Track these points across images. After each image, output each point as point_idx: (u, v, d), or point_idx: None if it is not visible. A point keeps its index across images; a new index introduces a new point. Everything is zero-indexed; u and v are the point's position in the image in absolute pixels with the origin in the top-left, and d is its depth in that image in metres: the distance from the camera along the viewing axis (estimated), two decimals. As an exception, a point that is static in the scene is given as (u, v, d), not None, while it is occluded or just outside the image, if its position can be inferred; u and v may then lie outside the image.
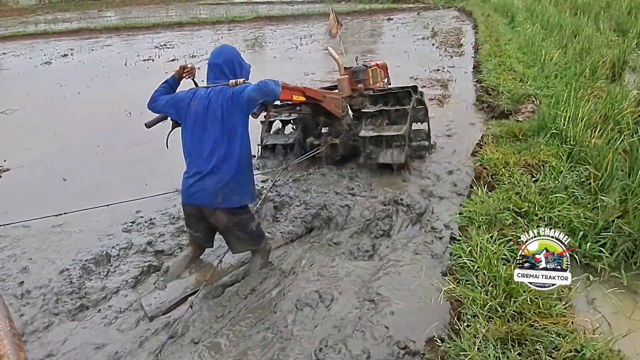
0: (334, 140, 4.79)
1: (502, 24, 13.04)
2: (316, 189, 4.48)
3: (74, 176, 5.70)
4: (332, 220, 4.06)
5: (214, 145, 2.91)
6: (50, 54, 17.01)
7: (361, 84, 5.06)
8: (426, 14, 21.73)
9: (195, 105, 2.98)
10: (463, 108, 7.15)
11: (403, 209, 4.12)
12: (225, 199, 2.96)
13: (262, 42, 16.34)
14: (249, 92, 2.82)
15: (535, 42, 9.07)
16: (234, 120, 2.90)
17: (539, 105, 5.87)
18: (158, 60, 13.84)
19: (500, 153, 4.26)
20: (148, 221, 4.38)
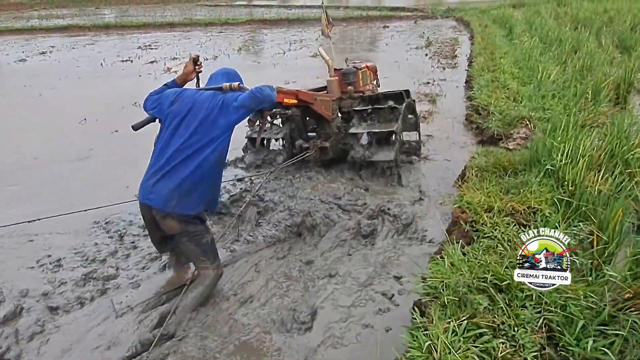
0: (323, 144, 4.68)
1: (500, 35, 12.35)
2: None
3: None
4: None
5: (182, 146, 2.76)
6: (30, 51, 16.28)
7: (351, 86, 4.95)
8: (423, 23, 21.08)
9: (178, 105, 2.85)
10: (449, 127, 6.43)
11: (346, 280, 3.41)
12: (180, 203, 2.76)
13: (250, 46, 15.62)
14: (242, 101, 2.73)
15: (533, 57, 8.37)
16: (215, 127, 2.77)
17: (533, 130, 5.15)
18: (137, 62, 13.10)
19: (483, 194, 3.52)
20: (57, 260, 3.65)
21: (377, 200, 4.30)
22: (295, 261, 3.57)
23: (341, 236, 3.87)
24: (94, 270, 3.50)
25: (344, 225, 3.99)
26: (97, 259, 3.64)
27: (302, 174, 4.86)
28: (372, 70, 5.56)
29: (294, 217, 3.98)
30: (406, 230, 3.89)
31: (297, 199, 4.30)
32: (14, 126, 7.50)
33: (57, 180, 5.25)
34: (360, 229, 3.90)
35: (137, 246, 3.84)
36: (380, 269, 3.40)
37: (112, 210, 4.28)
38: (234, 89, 2.89)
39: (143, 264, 3.60)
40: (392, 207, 4.18)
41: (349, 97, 4.97)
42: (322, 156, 4.75)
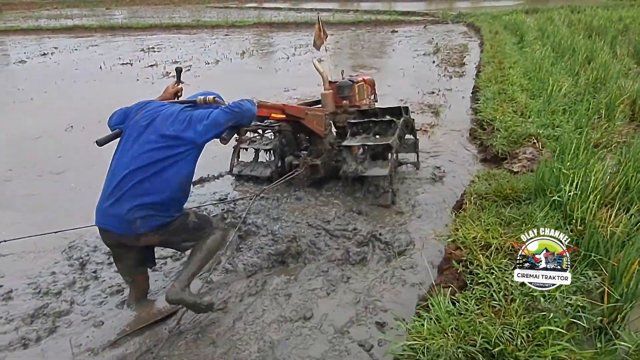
0: (314, 161, 4.38)
1: (510, 43, 11.89)
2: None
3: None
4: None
5: (140, 163, 2.48)
6: (31, 52, 16.12)
7: (346, 100, 4.68)
8: (433, 28, 20.63)
9: (140, 116, 2.62)
10: (452, 142, 6.02)
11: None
12: (145, 223, 2.52)
13: (254, 50, 15.30)
14: (214, 117, 2.50)
15: (544, 67, 7.92)
16: (180, 142, 2.51)
17: (540, 150, 4.73)
18: (137, 65, 12.85)
19: (480, 229, 3.12)
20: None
21: (368, 226, 3.92)
22: (269, 297, 3.20)
23: (324, 267, 3.51)
24: (46, 305, 3.15)
25: (329, 255, 3.62)
26: (51, 292, 3.29)
27: (290, 193, 4.51)
28: (370, 84, 5.27)
29: (277, 244, 3.63)
30: (397, 259, 3.53)
31: (282, 222, 3.93)
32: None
33: (28, 196, 4.92)
34: (348, 258, 3.56)
35: (99, 277, 3.49)
36: (363, 310, 3.01)
37: (79, 231, 3.96)
38: (209, 103, 2.68)
39: (101, 298, 3.25)
40: (385, 232, 3.82)
41: (343, 112, 4.69)
42: (313, 174, 4.45)
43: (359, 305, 3.06)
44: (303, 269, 3.51)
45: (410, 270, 3.38)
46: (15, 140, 6.76)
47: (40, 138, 6.84)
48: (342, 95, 4.70)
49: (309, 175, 4.45)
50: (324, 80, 4.67)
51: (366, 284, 3.27)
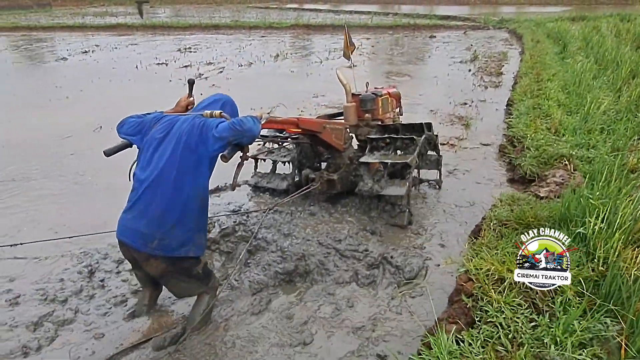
0: (330, 176, 4.24)
1: (552, 53, 11.43)
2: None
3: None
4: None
5: (159, 176, 2.46)
6: (73, 50, 16.65)
7: (369, 113, 4.55)
8: (473, 34, 20.16)
9: (155, 129, 2.59)
10: (480, 158, 5.78)
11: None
12: (162, 245, 2.48)
13: (288, 53, 15.29)
14: (220, 131, 2.43)
15: (584, 81, 7.55)
16: (196, 154, 2.47)
17: (572, 173, 4.46)
18: (172, 66, 13.05)
19: (496, 260, 2.93)
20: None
21: (380, 248, 3.77)
22: (272, 318, 3.11)
23: (330, 289, 3.39)
24: (51, 313, 3.16)
25: (337, 277, 3.50)
26: (57, 299, 3.30)
27: (305, 207, 4.40)
28: (395, 98, 5.12)
29: (285, 262, 3.54)
30: (407, 284, 3.38)
31: (292, 238, 3.84)
32: (30, 130, 7.42)
33: (50, 197, 5.02)
34: (357, 280, 3.44)
35: (106, 285, 3.48)
36: (365, 340, 2.88)
37: (92, 238, 3.99)
38: (215, 117, 2.60)
39: (105, 308, 3.22)
40: (397, 255, 3.66)
41: (365, 125, 4.55)
42: (329, 189, 4.33)
43: (362, 334, 2.93)
44: (309, 289, 3.40)
45: (419, 299, 3.21)
46: (45, 138, 6.94)
47: (70, 138, 7.00)
48: (364, 109, 4.57)
49: (325, 190, 4.34)
50: (347, 92, 4.58)
51: (372, 311, 3.13)
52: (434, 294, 3.20)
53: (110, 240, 4.00)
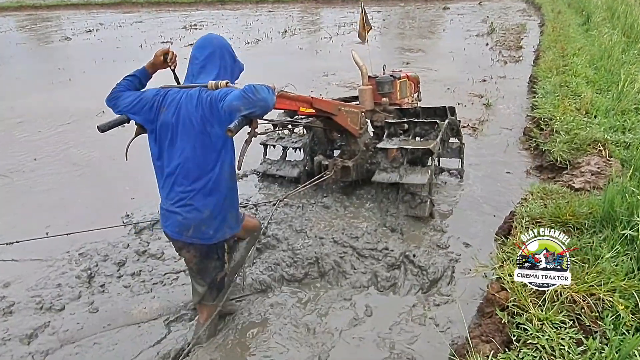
0: (345, 163, 3.98)
1: (574, 24, 10.83)
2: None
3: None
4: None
5: (186, 165, 2.30)
6: (77, 29, 16.30)
7: (386, 97, 4.29)
8: (489, 5, 19.37)
9: (166, 111, 2.32)
10: (503, 143, 5.40)
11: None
12: (197, 232, 2.38)
13: (296, 28, 14.78)
14: (230, 100, 2.12)
15: (614, 55, 7.05)
16: (213, 133, 2.26)
17: (608, 160, 4.09)
18: (176, 44, 12.67)
19: (531, 267, 2.61)
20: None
21: (402, 245, 3.47)
22: (285, 329, 2.84)
23: (347, 294, 3.11)
24: (46, 324, 2.93)
25: (353, 281, 3.22)
26: (53, 307, 3.07)
27: (317, 199, 4.13)
28: (414, 81, 4.82)
29: (296, 266, 3.29)
30: (432, 287, 3.11)
31: (305, 237, 3.55)
32: (29, 115, 7.15)
33: (46, 191, 4.75)
34: (376, 283, 3.18)
35: (106, 291, 3.25)
36: (388, 355, 2.61)
37: (90, 236, 3.75)
38: (221, 88, 2.25)
39: (104, 322, 2.98)
40: (420, 254, 3.35)
41: (383, 110, 4.28)
42: (343, 177, 4.06)
43: (383, 348, 2.65)
44: (325, 293, 3.13)
45: (444, 307, 2.92)
46: (47, 125, 6.67)
47: (72, 123, 6.73)
48: (382, 92, 4.28)
49: (339, 179, 4.07)
50: (363, 74, 4.26)
51: (393, 320, 2.85)
52: (461, 300, 2.91)
53: (110, 239, 3.78)
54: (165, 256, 3.60)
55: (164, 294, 3.18)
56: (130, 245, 3.72)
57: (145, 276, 3.40)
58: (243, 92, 2.10)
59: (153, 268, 3.47)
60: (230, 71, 2.43)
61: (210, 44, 2.43)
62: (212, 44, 2.43)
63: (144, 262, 3.53)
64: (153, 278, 3.37)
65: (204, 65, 2.39)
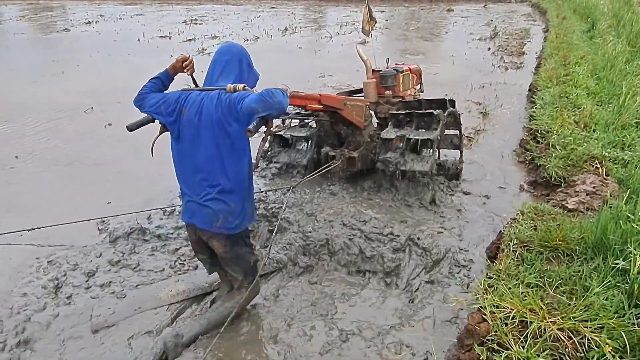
0: (351, 154, 4.12)
1: (579, 31, 10.64)
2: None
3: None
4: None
5: (209, 163, 2.48)
6: (77, 20, 16.13)
7: (390, 90, 4.47)
8: (494, 8, 19.16)
9: (188, 112, 2.49)
10: (498, 154, 5.24)
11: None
12: (225, 222, 2.56)
13: (297, 26, 14.60)
14: (248, 102, 2.31)
15: (617, 66, 6.88)
16: (232, 133, 2.42)
17: (604, 180, 3.93)
18: (175, 39, 12.51)
19: (517, 298, 2.46)
20: None
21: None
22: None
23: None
24: (3, 343, 2.78)
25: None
26: (17, 319, 2.92)
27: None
28: (416, 74, 5.00)
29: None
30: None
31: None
32: (19, 109, 6.99)
33: (28, 193, 4.60)
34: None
35: (72, 302, 3.10)
36: None
37: (61, 239, 3.61)
38: (239, 91, 2.44)
39: (68, 333, 2.85)
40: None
41: (386, 102, 4.48)
42: (349, 167, 4.20)
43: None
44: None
45: (422, 335, 2.76)
46: (33, 120, 6.51)
47: (60, 120, 6.57)
48: (385, 85, 4.46)
49: (345, 168, 4.20)
50: (367, 68, 4.40)
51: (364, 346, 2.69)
52: (438, 330, 2.75)
53: (83, 241, 3.65)
54: (141, 267, 3.45)
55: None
56: (103, 254, 3.57)
57: (115, 287, 3.26)
58: (261, 96, 2.27)
59: (125, 279, 3.33)
60: (246, 77, 2.57)
61: (229, 51, 2.60)
62: (232, 51, 2.59)
63: (116, 273, 3.39)
64: (124, 290, 3.24)
65: (223, 70, 2.54)
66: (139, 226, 3.80)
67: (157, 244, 3.67)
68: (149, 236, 3.74)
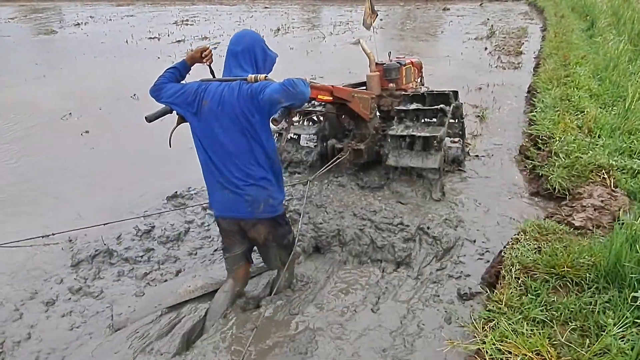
0: (357, 145, 4.21)
1: (578, 30, 10.35)
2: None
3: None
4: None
5: (239, 152, 2.48)
6: (65, 22, 15.79)
7: (393, 83, 4.51)
8: (490, 7, 18.88)
9: (209, 104, 2.47)
10: (497, 161, 4.93)
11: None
12: (266, 206, 2.59)
13: (289, 26, 14.27)
14: (270, 93, 2.30)
15: (620, 66, 6.58)
16: (256, 122, 2.43)
17: (613, 192, 3.62)
18: (164, 40, 12.19)
19: (520, 336, 2.15)
20: None
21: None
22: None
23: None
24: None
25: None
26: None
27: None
28: (417, 67, 5.09)
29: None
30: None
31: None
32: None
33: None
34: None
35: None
36: None
37: (24, 261, 3.29)
38: (260, 81, 2.42)
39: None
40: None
41: (389, 95, 4.53)
42: (356, 159, 4.28)
43: None
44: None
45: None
46: (7, 129, 6.18)
47: (35, 127, 6.24)
48: (388, 78, 4.50)
49: (352, 160, 4.26)
50: (371, 61, 4.44)
51: None
52: None
53: (45, 263, 3.32)
54: (104, 294, 3.13)
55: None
56: (64, 280, 3.25)
57: (76, 317, 2.95)
58: (283, 86, 2.27)
59: (86, 308, 3.01)
60: (262, 64, 2.56)
61: (243, 40, 2.55)
62: (245, 40, 2.55)
63: (76, 302, 3.07)
64: (85, 320, 2.92)
65: (239, 60, 2.51)
66: (106, 247, 3.48)
67: (125, 267, 3.35)
68: (115, 259, 3.42)
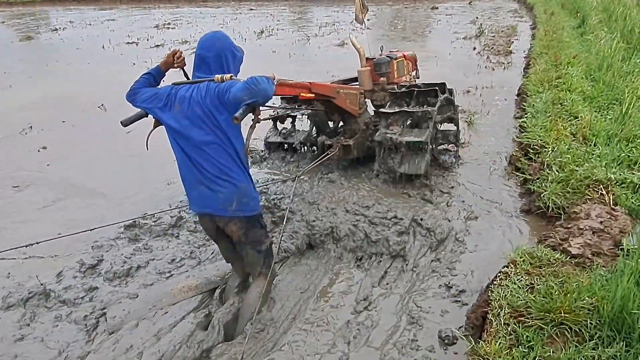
0: (347, 142, 4.21)
1: (568, 27, 10.01)
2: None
3: None
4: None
5: (210, 150, 2.49)
6: (43, 27, 15.32)
7: (384, 77, 4.50)
8: (479, 5, 18.58)
9: (180, 107, 2.51)
10: (485, 173, 4.56)
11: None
12: (239, 205, 2.58)
13: (273, 29, 13.87)
14: (234, 92, 2.35)
15: (614, 65, 6.23)
16: (223, 120, 2.45)
17: (612, 210, 3.25)
18: (142, 45, 11.77)
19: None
20: None
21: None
22: None
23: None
24: None
25: None
26: None
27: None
28: (411, 60, 5.10)
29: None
30: None
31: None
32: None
33: None
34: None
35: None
36: None
37: None
38: (226, 80, 2.46)
39: None
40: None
41: (381, 90, 4.48)
42: (345, 155, 4.26)
43: None
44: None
45: None
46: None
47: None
48: (379, 72, 4.47)
49: (341, 156, 4.25)
50: (361, 56, 4.43)
51: None
52: None
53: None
54: (45, 342, 2.73)
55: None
56: None
57: None
58: (246, 84, 2.31)
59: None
60: (232, 66, 2.58)
61: (214, 47, 2.55)
62: (216, 47, 2.55)
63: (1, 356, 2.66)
64: None
65: (209, 65, 2.54)
66: (42, 288, 3.06)
67: (62, 311, 2.94)
68: (52, 302, 3.01)
